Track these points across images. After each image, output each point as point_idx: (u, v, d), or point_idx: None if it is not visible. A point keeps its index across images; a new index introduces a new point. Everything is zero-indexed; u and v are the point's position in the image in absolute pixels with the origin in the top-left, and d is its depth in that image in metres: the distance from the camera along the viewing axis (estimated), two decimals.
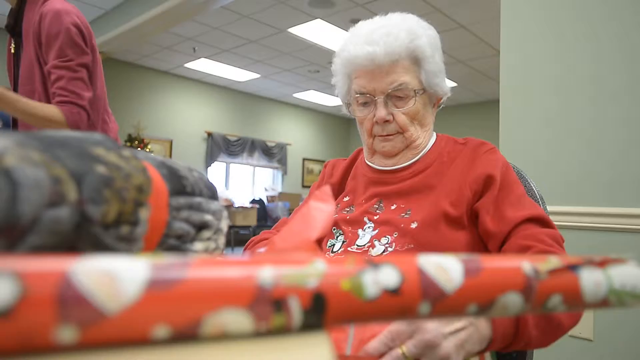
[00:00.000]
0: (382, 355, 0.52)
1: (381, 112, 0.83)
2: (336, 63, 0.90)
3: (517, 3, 1.64)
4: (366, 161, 0.94)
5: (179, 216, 0.40)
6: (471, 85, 7.02)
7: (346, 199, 0.91)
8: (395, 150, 0.87)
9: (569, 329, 0.67)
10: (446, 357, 0.52)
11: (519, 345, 0.61)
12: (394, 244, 0.77)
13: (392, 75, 0.81)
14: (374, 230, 0.81)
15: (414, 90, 0.83)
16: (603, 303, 0.27)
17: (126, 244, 0.31)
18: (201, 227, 0.42)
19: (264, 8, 4.80)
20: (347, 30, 0.87)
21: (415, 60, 0.83)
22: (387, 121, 0.84)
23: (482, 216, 0.77)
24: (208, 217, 0.42)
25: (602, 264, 0.28)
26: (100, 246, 0.28)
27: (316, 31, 5.34)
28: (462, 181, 0.80)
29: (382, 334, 0.53)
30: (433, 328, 0.53)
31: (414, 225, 0.77)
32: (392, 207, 0.83)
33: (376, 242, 0.78)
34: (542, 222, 0.74)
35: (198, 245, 0.42)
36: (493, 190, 0.78)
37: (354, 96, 0.87)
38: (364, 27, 0.85)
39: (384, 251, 0.76)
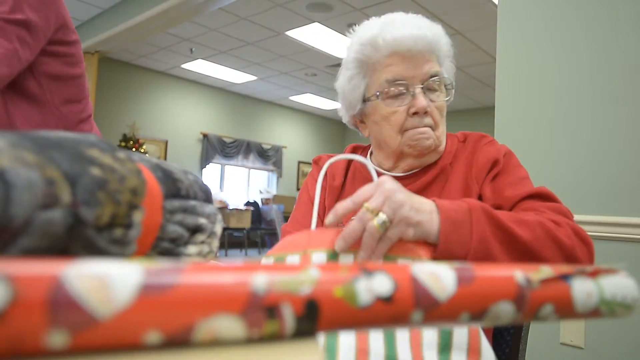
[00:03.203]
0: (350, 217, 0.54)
1: (423, 102, 0.76)
2: (356, 56, 0.81)
3: (514, 10, 1.65)
4: (379, 166, 0.88)
5: (172, 219, 0.39)
6: (467, 91, 7.05)
7: None
8: (432, 144, 0.80)
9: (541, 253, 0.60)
10: (400, 203, 0.53)
11: (478, 251, 0.56)
12: None
13: (430, 63, 0.78)
14: None
15: (451, 84, 0.81)
16: (594, 313, 0.28)
17: (119, 247, 0.31)
18: (195, 230, 0.42)
19: (262, 10, 4.81)
20: (344, 35, 0.87)
21: (438, 57, 0.81)
22: (426, 112, 0.78)
23: (483, 202, 0.75)
24: (202, 221, 0.42)
25: (594, 274, 0.28)
26: (92, 249, 0.28)
27: (314, 35, 5.35)
28: (468, 177, 0.79)
29: (350, 200, 0.56)
30: (391, 185, 0.55)
31: None
32: None
33: None
34: (544, 197, 0.71)
35: (192, 249, 0.42)
36: (492, 174, 0.77)
37: (385, 88, 0.78)
38: (394, 16, 0.80)
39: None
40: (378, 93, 0.79)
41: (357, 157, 0.65)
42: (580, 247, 0.62)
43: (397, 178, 0.86)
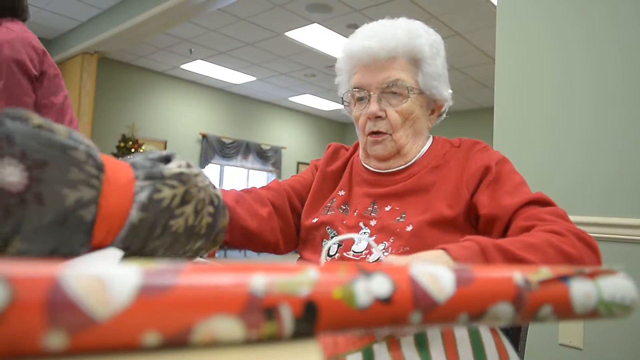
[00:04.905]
0: None
1: (373, 107, 0.83)
2: (339, 62, 0.91)
3: (513, 11, 1.65)
4: (362, 162, 0.93)
5: (137, 165, 0.44)
6: (466, 92, 7.05)
7: (341, 192, 0.91)
8: (386, 153, 0.86)
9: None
10: None
11: None
12: (390, 248, 0.76)
13: (389, 71, 0.82)
14: (370, 236, 0.80)
15: (408, 88, 0.83)
16: (593, 314, 0.28)
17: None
18: (166, 160, 0.46)
19: (261, 11, 4.81)
20: (344, 35, 0.89)
21: (414, 61, 0.84)
22: (378, 117, 0.84)
23: (480, 209, 0.76)
24: (165, 153, 0.47)
25: (593, 275, 0.28)
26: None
27: (313, 35, 5.34)
28: (459, 182, 0.80)
29: None
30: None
31: (409, 229, 0.77)
32: (387, 209, 0.83)
33: (373, 250, 0.78)
34: (542, 202, 0.73)
35: (171, 165, 0.45)
36: (487, 181, 0.78)
37: (351, 92, 0.87)
38: (367, 26, 0.87)
39: (380, 257, 0.75)
40: (348, 101, 0.90)
41: (359, 237, 0.66)
42: (587, 254, 0.63)
43: (385, 175, 0.88)
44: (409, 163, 0.87)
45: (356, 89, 0.86)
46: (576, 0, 1.49)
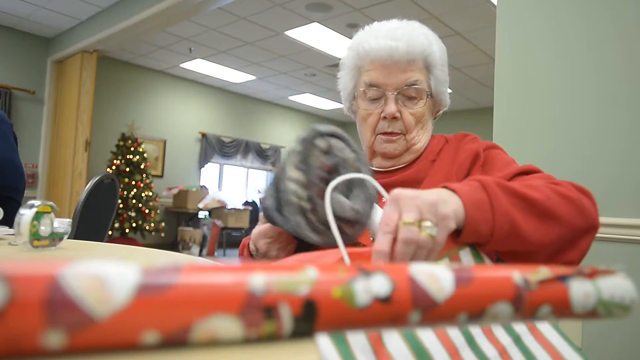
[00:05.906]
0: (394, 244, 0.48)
1: (392, 108, 0.84)
2: (348, 56, 0.91)
3: (513, 11, 1.65)
4: None
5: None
6: (466, 92, 7.05)
7: None
8: (397, 152, 0.88)
9: (570, 222, 0.60)
10: (433, 203, 0.49)
11: (503, 225, 0.54)
12: None
13: (408, 72, 0.84)
14: None
15: (425, 92, 0.85)
16: (592, 314, 0.28)
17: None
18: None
19: (261, 10, 4.80)
20: (344, 35, 0.89)
21: (428, 66, 0.86)
22: (395, 118, 0.85)
23: None
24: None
25: (592, 275, 0.28)
26: None
27: (313, 35, 5.34)
28: (448, 172, 0.82)
29: (379, 233, 0.49)
30: (407, 192, 0.50)
31: None
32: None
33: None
34: (532, 171, 0.73)
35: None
36: (477, 166, 0.80)
37: (362, 89, 0.87)
38: (383, 25, 0.88)
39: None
40: (355, 94, 0.90)
41: (363, 177, 0.60)
42: (583, 198, 0.64)
43: (376, 173, 0.90)
44: (414, 160, 0.89)
45: (370, 87, 0.86)
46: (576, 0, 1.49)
